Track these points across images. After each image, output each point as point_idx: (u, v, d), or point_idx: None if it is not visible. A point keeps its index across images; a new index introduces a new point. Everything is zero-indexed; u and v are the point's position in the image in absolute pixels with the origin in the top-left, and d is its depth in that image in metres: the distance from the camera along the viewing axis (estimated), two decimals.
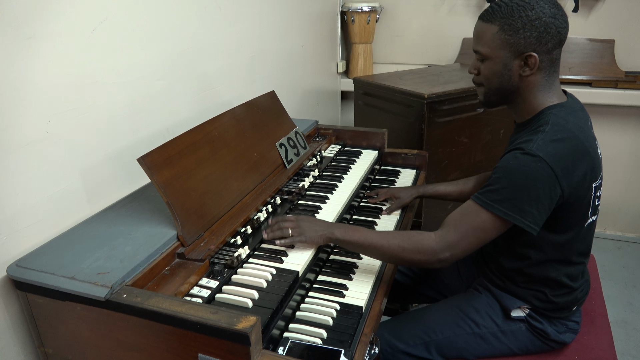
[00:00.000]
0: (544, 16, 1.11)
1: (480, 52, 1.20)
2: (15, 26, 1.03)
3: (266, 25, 2.13)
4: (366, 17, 2.95)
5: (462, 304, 1.37)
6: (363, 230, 1.23)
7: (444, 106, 2.15)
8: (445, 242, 1.15)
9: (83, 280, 0.95)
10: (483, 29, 1.18)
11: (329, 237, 1.22)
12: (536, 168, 1.08)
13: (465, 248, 1.15)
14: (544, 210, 1.11)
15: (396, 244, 1.17)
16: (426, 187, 1.65)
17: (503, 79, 1.19)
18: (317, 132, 1.99)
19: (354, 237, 1.21)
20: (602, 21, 2.75)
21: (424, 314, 1.39)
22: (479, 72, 1.24)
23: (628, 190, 2.97)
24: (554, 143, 1.11)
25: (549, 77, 1.19)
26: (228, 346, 0.85)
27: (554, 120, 1.15)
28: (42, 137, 1.12)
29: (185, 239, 1.12)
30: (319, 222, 1.26)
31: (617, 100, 2.64)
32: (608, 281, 2.61)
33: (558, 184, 1.10)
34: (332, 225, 1.25)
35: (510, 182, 1.11)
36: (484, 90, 1.25)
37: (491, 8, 1.17)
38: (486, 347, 1.32)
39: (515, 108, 1.26)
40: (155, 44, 1.46)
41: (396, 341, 1.35)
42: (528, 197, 1.09)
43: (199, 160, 1.27)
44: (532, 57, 1.14)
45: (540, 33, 1.12)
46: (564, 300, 1.28)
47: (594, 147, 1.19)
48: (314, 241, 1.22)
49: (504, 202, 1.11)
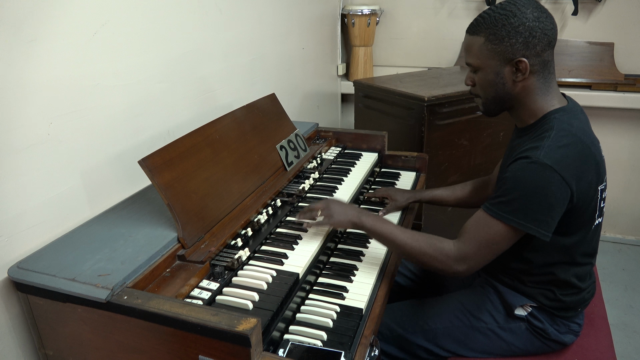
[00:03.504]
0: (527, 21, 1.12)
1: (472, 64, 1.23)
2: (17, 29, 1.04)
3: (267, 28, 2.13)
4: (366, 20, 2.95)
5: (464, 298, 1.38)
6: (389, 225, 1.25)
7: (444, 109, 2.15)
8: (461, 254, 1.17)
9: (84, 282, 0.96)
10: (471, 42, 1.21)
11: (356, 223, 1.26)
12: (546, 176, 1.09)
13: (480, 260, 1.17)
14: (557, 217, 1.13)
15: (417, 246, 1.20)
16: (423, 192, 1.66)
17: (498, 87, 1.20)
18: (317, 135, 2.00)
19: (381, 228, 1.24)
20: (601, 24, 2.75)
21: (425, 303, 1.41)
22: (474, 83, 1.26)
23: (628, 192, 2.97)
24: (561, 149, 1.11)
25: (545, 80, 1.19)
26: (228, 348, 0.85)
27: (558, 125, 1.15)
28: (44, 140, 1.12)
29: (185, 241, 1.13)
30: (350, 207, 1.30)
31: (617, 103, 2.65)
32: (608, 284, 2.61)
33: (568, 189, 1.10)
34: (362, 212, 1.28)
35: (521, 193, 1.11)
36: (482, 101, 1.27)
37: (476, 20, 1.20)
38: (484, 342, 1.33)
39: (516, 114, 1.26)
40: (156, 46, 1.46)
41: (395, 326, 1.37)
42: (540, 206, 1.10)
43: (200, 162, 1.28)
44: (522, 62, 1.15)
45: (525, 38, 1.13)
46: (572, 299, 1.28)
47: (598, 150, 1.19)
48: (341, 224, 1.27)
49: (517, 213, 1.11)
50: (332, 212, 1.27)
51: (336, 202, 1.31)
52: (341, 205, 1.29)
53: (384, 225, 1.25)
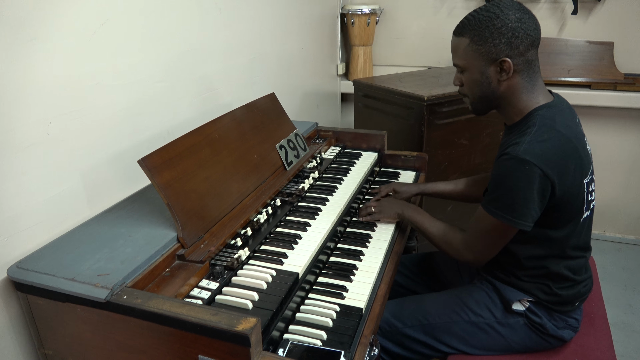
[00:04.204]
0: (509, 22, 1.16)
1: (458, 65, 1.27)
2: (17, 28, 1.03)
3: (266, 28, 2.13)
4: (366, 19, 2.95)
5: (463, 294, 1.40)
6: (423, 216, 1.44)
7: (444, 108, 2.15)
8: (467, 245, 1.30)
9: (83, 282, 0.96)
10: (456, 43, 1.26)
11: (400, 215, 1.49)
12: (525, 170, 1.13)
13: (484, 251, 1.28)
14: (539, 208, 1.17)
15: (438, 236, 1.38)
16: (426, 185, 1.72)
17: (483, 87, 1.25)
18: (317, 134, 2.00)
19: (415, 219, 1.45)
20: (601, 23, 2.75)
21: (424, 298, 1.43)
22: (462, 83, 1.31)
23: (627, 192, 2.97)
24: (541, 144, 1.14)
25: (530, 78, 1.23)
26: (228, 348, 0.85)
27: (540, 121, 1.19)
28: (43, 139, 1.12)
29: (185, 241, 1.13)
30: (397, 203, 1.53)
31: (616, 103, 2.65)
32: (608, 283, 2.61)
33: (549, 181, 1.14)
34: (406, 206, 1.50)
35: (505, 189, 1.17)
36: (470, 100, 1.32)
37: (461, 22, 1.25)
38: (483, 337, 1.34)
39: (503, 112, 1.31)
40: (155, 46, 1.46)
41: (395, 320, 1.38)
42: (525, 200, 1.15)
43: (200, 162, 1.28)
44: (506, 62, 1.19)
45: (508, 39, 1.17)
46: (568, 293, 1.30)
47: (582, 144, 1.22)
48: (390, 217, 1.50)
49: (506, 209, 1.17)
50: (382, 207, 1.52)
51: (388, 199, 1.58)
52: (391, 202, 1.54)
53: (418, 216, 1.44)
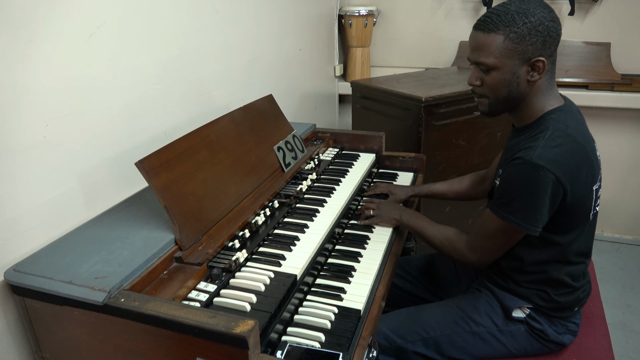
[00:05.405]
0: (545, 21, 1.12)
1: (485, 63, 1.17)
2: (14, 30, 1.03)
3: (263, 29, 2.13)
4: (363, 20, 2.95)
5: (462, 303, 1.38)
6: (423, 220, 1.42)
7: (442, 109, 2.15)
8: (471, 246, 1.29)
9: (81, 285, 0.95)
10: (486, 40, 1.15)
11: (398, 220, 1.46)
12: (538, 176, 1.10)
13: (487, 253, 1.27)
14: (549, 213, 1.15)
15: (439, 239, 1.36)
16: (421, 187, 1.71)
17: (512, 87, 1.18)
18: (314, 136, 1.99)
19: (414, 224, 1.42)
20: (598, 24, 2.76)
21: (423, 311, 1.40)
22: (482, 83, 1.22)
23: (625, 192, 2.98)
24: (555, 149, 1.12)
25: (551, 80, 1.21)
26: (226, 350, 0.85)
27: (554, 125, 1.16)
28: (40, 142, 1.12)
29: (183, 243, 1.12)
30: (395, 207, 1.50)
31: (614, 103, 2.65)
32: (606, 283, 2.61)
33: (562, 188, 1.12)
34: (404, 211, 1.48)
35: (517, 194, 1.15)
36: (489, 101, 1.24)
37: (489, 18, 1.15)
38: (484, 346, 1.33)
39: (517, 113, 1.26)
40: (152, 48, 1.46)
41: (394, 336, 1.36)
42: (537, 205, 1.13)
43: (197, 164, 1.27)
44: (541, 62, 1.14)
45: (544, 38, 1.13)
46: (567, 299, 1.29)
47: (593, 151, 1.20)
48: (388, 222, 1.47)
49: (517, 214, 1.16)
50: (380, 211, 1.48)
51: (386, 202, 1.53)
52: (389, 206, 1.50)
53: (417, 220, 1.42)
